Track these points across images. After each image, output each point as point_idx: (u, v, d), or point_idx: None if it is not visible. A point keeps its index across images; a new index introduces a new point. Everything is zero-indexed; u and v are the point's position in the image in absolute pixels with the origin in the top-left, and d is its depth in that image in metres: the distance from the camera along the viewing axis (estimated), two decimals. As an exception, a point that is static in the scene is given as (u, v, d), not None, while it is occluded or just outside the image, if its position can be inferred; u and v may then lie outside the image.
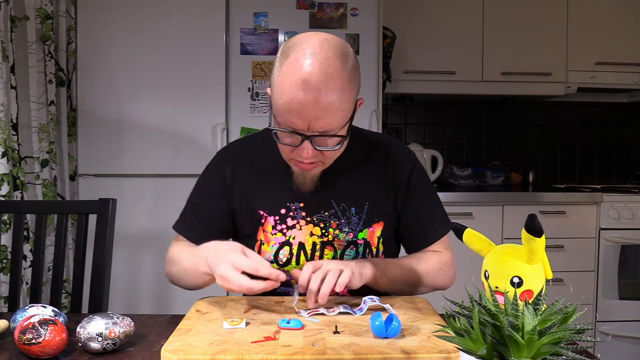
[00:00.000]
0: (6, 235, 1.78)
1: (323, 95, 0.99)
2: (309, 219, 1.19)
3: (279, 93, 1.02)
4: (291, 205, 1.19)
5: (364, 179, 1.22)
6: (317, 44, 1.01)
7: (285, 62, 1.02)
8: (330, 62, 1.00)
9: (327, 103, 1.00)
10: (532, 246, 0.75)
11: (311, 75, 0.98)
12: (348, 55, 1.04)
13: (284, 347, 0.84)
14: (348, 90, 1.03)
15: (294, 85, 0.99)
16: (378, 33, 2.44)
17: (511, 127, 3.24)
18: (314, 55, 1.00)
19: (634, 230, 2.61)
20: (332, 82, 0.99)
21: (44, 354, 0.84)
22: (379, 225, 1.22)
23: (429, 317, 1.00)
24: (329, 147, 1.07)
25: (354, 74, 1.05)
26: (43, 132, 2.12)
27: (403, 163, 1.24)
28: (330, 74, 0.99)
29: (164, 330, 1.00)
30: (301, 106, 1.00)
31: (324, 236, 1.19)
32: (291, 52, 1.02)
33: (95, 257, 1.42)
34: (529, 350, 0.59)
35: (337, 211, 1.19)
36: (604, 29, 2.88)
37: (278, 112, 1.04)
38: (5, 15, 1.85)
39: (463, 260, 1.27)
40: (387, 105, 3.18)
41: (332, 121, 1.02)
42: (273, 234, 1.20)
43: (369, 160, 1.24)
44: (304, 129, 1.03)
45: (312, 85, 0.98)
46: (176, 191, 2.37)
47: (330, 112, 1.01)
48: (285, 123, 1.04)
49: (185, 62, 2.38)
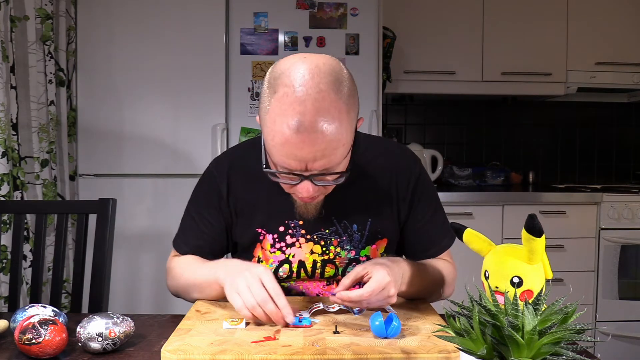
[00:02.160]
0: (6, 235, 1.78)
1: (319, 135, 0.89)
2: (308, 237, 1.14)
3: (270, 134, 0.92)
4: (290, 223, 1.14)
5: (367, 194, 1.15)
6: (307, 74, 0.89)
7: (273, 98, 0.91)
8: (324, 95, 0.89)
9: (325, 142, 0.90)
10: (532, 246, 0.75)
11: (304, 116, 0.88)
12: (342, 81, 0.92)
13: (284, 347, 0.84)
14: (346, 122, 0.92)
15: (285, 128, 0.88)
16: (378, 33, 2.44)
17: (511, 127, 3.24)
18: (304, 90, 0.88)
19: (634, 230, 2.61)
20: (328, 117, 0.89)
21: (44, 354, 0.84)
22: (383, 242, 1.17)
23: (429, 317, 1.00)
24: (330, 182, 0.98)
25: (351, 100, 0.93)
26: (43, 132, 2.12)
27: (407, 175, 1.17)
28: (325, 108, 0.88)
29: (164, 330, 1.00)
30: (297, 149, 0.90)
31: (324, 254, 1.14)
32: (279, 86, 0.90)
33: (95, 257, 1.42)
34: (529, 350, 0.59)
35: (338, 228, 1.14)
36: (604, 29, 2.88)
37: (271, 153, 0.95)
38: (5, 15, 1.85)
39: (463, 260, 1.27)
40: (387, 105, 3.18)
41: (332, 159, 0.93)
42: (272, 252, 1.15)
43: (372, 173, 1.16)
44: (301, 170, 0.93)
45: (307, 126, 0.88)
46: (176, 191, 2.38)
47: (329, 151, 0.91)
48: (280, 164, 0.94)
49: (185, 62, 2.38)
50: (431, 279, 1.15)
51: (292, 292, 1.19)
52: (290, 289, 1.19)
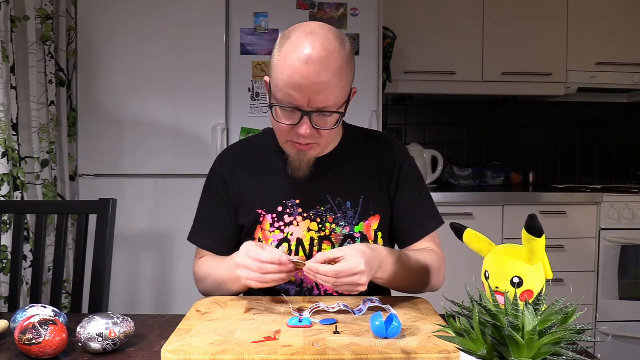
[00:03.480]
0: (6, 235, 1.78)
1: (323, 69, 1.03)
2: (305, 215, 1.21)
3: (280, 69, 1.06)
4: (287, 202, 1.21)
5: (357, 172, 1.24)
6: (316, 26, 1.08)
7: (286, 43, 1.07)
8: (330, 41, 1.05)
9: (327, 77, 1.04)
10: (532, 246, 0.75)
11: (313, 50, 1.03)
12: (345, 40, 1.10)
13: (284, 347, 0.84)
14: (345, 71, 1.07)
15: (295, 60, 1.03)
16: (378, 33, 2.44)
17: (511, 127, 3.25)
18: (314, 34, 1.05)
19: (634, 230, 2.61)
20: (332, 59, 1.04)
21: (44, 354, 0.84)
22: (375, 219, 1.23)
23: (429, 317, 1.00)
24: (326, 126, 1.10)
25: (350, 58, 1.10)
26: (43, 132, 2.12)
27: (394, 156, 1.26)
28: (331, 51, 1.04)
29: (164, 330, 1.00)
30: (303, 78, 1.03)
31: (320, 231, 1.21)
32: (292, 33, 1.07)
33: (95, 257, 1.42)
34: (529, 350, 0.59)
35: (333, 205, 1.21)
36: (604, 29, 2.88)
37: (278, 88, 1.07)
38: (5, 15, 1.85)
39: (463, 260, 1.28)
40: (387, 105, 3.18)
41: (331, 97, 1.06)
42: (271, 231, 1.22)
43: (362, 154, 1.26)
44: (303, 104, 1.06)
45: (314, 59, 1.03)
46: (176, 191, 2.38)
47: (329, 87, 1.05)
48: (285, 99, 1.07)
49: (185, 62, 2.38)
50: (414, 268, 1.18)
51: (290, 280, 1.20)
52: None
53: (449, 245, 1.29)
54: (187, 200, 1.71)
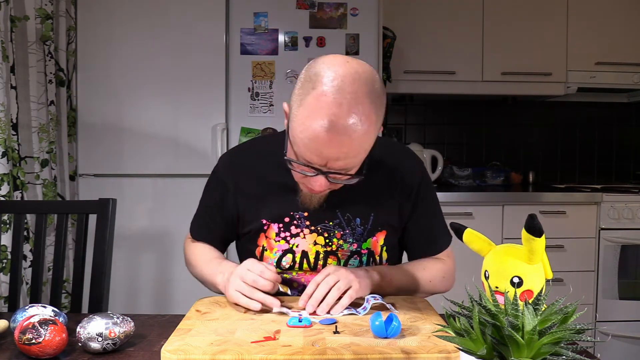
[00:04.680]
0: (6, 235, 1.78)
1: (348, 139, 0.93)
2: (312, 228, 1.17)
3: (300, 126, 0.96)
4: (295, 214, 1.17)
5: (371, 190, 1.17)
6: (348, 78, 0.94)
7: (311, 94, 0.94)
8: (359, 101, 0.93)
9: (351, 146, 0.95)
10: (532, 246, 0.75)
11: (338, 118, 0.92)
12: (377, 92, 0.97)
13: (284, 347, 0.84)
14: (373, 130, 0.98)
15: (318, 124, 0.93)
16: (378, 33, 2.44)
17: (511, 127, 3.24)
18: (343, 93, 0.92)
19: (634, 230, 2.61)
20: (359, 124, 0.93)
21: (44, 354, 0.84)
22: (382, 234, 1.20)
23: (429, 317, 1.00)
24: (343, 181, 1.03)
25: (381, 111, 0.99)
26: (43, 132, 2.12)
27: (411, 175, 1.21)
28: (359, 115, 0.93)
29: (164, 330, 1.00)
30: (323, 147, 0.95)
31: (327, 246, 1.17)
32: (318, 82, 0.94)
33: (95, 257, 1.42)
34: (529, 350, 0.59)
35: (342, 221, 1.17)
36: (604, 29, 2.88)
37: (296, 144, 0.99)
38: (5, 15, 1.85)
39: (463, 260, 1.28)
40: (387, 105, 3.15)
41: (352, 162, 0.99)
42: (277, 240, 1.18)
43: (377, 171, 1.17)
44: (321, 166, 0.99)
45: (339, 128, 0.92)
46: (176, 191, 2.38)
47: (352, 155, 0.97)
48: (302, 156, 0.99)
49: (185, 62, 2.38)
50: (416, 279, 1.20)
51: (293, 285, 1.21)
52: (292, 280, 1.20)
53: (449, 245, 1.29)
54: (187, 201, 1.71)
